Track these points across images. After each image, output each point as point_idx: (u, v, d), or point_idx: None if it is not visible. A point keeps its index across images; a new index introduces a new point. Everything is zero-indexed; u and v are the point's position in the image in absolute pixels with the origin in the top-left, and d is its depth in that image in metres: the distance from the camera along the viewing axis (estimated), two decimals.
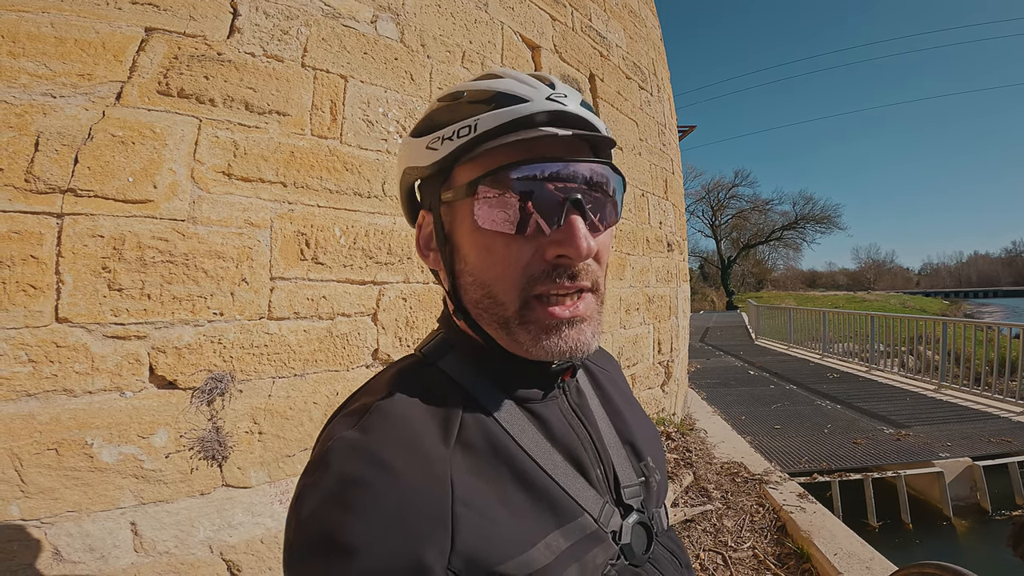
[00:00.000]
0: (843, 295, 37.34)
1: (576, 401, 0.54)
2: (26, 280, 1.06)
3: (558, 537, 0.42)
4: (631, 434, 0.57)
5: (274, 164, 1.49)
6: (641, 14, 4.11)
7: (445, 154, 0.46)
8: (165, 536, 1.25)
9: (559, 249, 0.43)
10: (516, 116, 0.43)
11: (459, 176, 0.47)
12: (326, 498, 0.38)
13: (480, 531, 0.39)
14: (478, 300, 0.47)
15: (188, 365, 1.32)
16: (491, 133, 0.44)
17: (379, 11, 1.81)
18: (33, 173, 1.07)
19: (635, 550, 0.48)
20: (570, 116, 0.45)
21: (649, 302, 3.71)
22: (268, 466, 1.47)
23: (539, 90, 0.45)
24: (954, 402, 5.58)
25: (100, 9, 1.19)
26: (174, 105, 1.28)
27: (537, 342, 0.45)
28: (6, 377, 1.03)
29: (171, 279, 1.29)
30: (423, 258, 0.53)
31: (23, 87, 1.09)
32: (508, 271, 0.44)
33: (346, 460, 0.39)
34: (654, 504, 0.54)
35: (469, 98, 0.46)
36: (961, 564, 1.41)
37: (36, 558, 1.06)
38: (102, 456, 1.15)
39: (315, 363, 1.58)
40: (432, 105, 0.50)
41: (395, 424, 0.42)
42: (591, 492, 0.47)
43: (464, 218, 0.46)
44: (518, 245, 0.44)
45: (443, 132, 0.46)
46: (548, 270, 0.44)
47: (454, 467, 0.41)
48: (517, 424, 0.47)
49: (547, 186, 0.43)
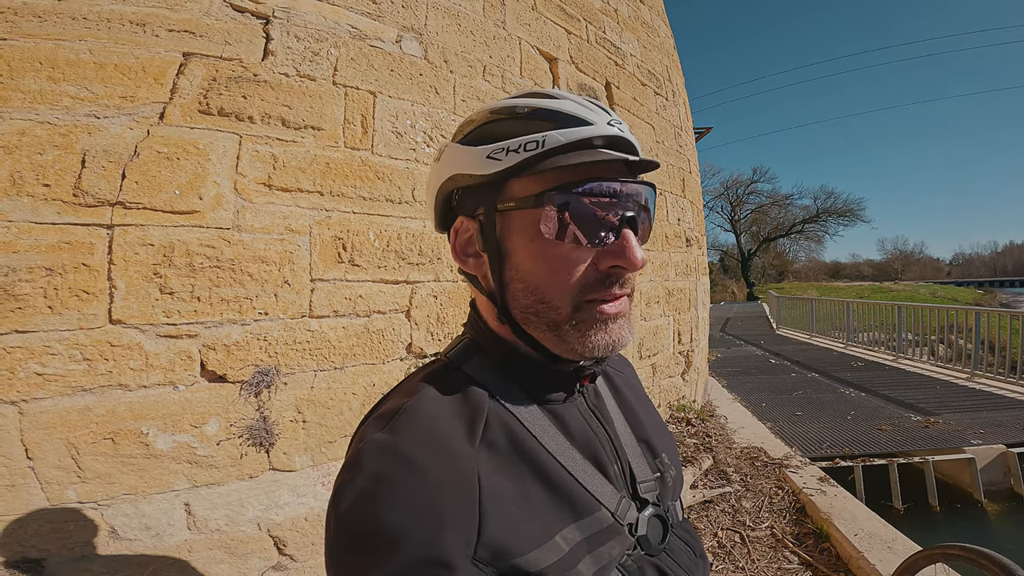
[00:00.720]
0: (868, 285, 34.47)
1: (594, 402, 0.53)
2: (79, 286, 1.07)
3: (574, 530, 0.42)
4: (646, 433, 0.56)
5: (311, 175, 1.47)
6: (654, 25, 3.91)
7: (509, 165, 0.43)
8: (217, 515, 1.25)
9: (615, 261, 0.44)
10: (583, 137, 0.43)
11: (517, 188, 0.45)
12: (360, 496, 0.37)
13: (504, 525, 0.38)
14: (528, 305, 0.46)
15: (236, 361, 1.31)
16: (557, 150, 0.43)
17: (403, 31, 1.76)
18: (81, 188, 1.08)
19: (651, 541, 0.47)
20: (624, 142, 0.45)
21: (669, 295, 3.53)
22: (311, 451, 1.45)
23: (600, 115, 0.45)
24: (988, 390, 4.96)
25: (137, 36, 1.19)
26: (215, 123, 1.28)
27: (585, 340, 0.44)
28: (61, 374, 1.04)
29: (219, 282, 1.28)
30: (460, 263, 0.50)
31: (66, 109, 1.09)
32: (565, 279, 0.44)
33: (377, 460, 0.39)
34: (669, 498, 0.53)
35: (531, 114, 0.45)
36: (993, 546, 1.23)
37: (93, 536, 1.08)
38: (157, 444, 1.15)
39: (353, 357, 1.55)
40: (483, 116, 0.47)
41: (423, 425, 0.41)
42: (609, 487, 0.46)
43: (521, 228, 0.45)
44: (577, 255, 0.44)
45: (507, 144, 0.44)
46: (601, 278, 0.44)
47: (480, 465, 0.40)
48: (539, 424, 0.46)
49: (607, 203, 0.43)
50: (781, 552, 2.18)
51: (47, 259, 1.06)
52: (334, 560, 0.38)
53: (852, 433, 3.76)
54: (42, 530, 1.05)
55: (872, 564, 1.92)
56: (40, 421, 1.05)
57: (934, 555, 1.35)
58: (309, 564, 1.41)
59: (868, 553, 1.99)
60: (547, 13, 2.51)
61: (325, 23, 1.53)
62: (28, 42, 1.09)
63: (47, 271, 1.05)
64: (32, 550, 1.04)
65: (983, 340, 5.80)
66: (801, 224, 36.80)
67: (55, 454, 1.06)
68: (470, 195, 0.48)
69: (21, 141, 1.05)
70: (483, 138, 0.46)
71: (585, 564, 0.41)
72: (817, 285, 34.05)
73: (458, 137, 0.49)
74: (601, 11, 3.06)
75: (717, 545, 2.23)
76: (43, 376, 1.04)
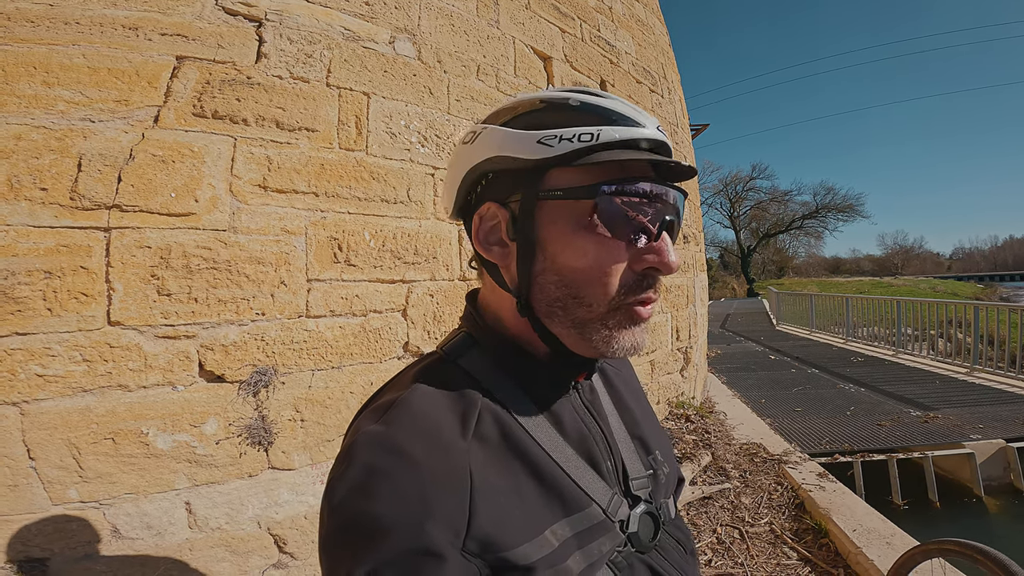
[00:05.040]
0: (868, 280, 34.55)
1: (588, 398, 0.53)
2: (77, 289, 1.09)
3: (564, 526, 0.42)
4: (640, 430, 0.56)
5: (306, 176, 1.48)
6: (648, 22, 3.92)
7: (563, 152, 0.43)
8: (217, 514, 1.27)
9: (652, 261, 0.44)
10: (634, 136, 0.43)
11: (559, 178, 0.44)
12: (352, 488, 0.38)
13: (494, 518, 0.38)
14: (557, 299, 0.44)
15: (234, 361, 1.32)
16: (609, 146, 0.43)
17: (396, 32, 1.77)
18: (78, 191, 1.09)
19: (642, 538, 0.47)
20: (666, 147, 0.46)
21: (666, 292, 3.55)
22: (310, 450, 1.47)
23: (648, 119, 0.45)
24: (988, 385, 4.95)
25: (130, 41, 1.21)
26: (209, 126, 1.29)
27: (611, 341, 0.44)
28: (61, 375, 1.06)
29: (216, 284, 1.29)
30: (483, 251, 0.48)
31: (61, 113, 1.11)
32: (603, 277, 0.43)
33: (370, 452, 0.39)
34: (662, 495, 0.53)
35: (582, 108, 0.44)
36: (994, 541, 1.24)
37: (95, 536, 1.10)
38: (157, 444, 1.17)
39: (351, 356, 1.57)
40: (532, 104, 0.46)
41: (416, 418, 0.41)
42: (601, 484, 0.46)
43: (563, 218, 0.44)
44: (618, 253, 0.43)
45: (561, 132, 0.43)
46: (638, 280, 0.44)
47: (472, 458, 0.40)
48: (532, 419, 0.46)
49: (652, 205, 0.43)
50: (780, 548, 2.20)
51: (45, 262, 1.07)
52: (327, 551, 0.38)
53: (851, 429, 3.77)
54: (45, 530, 1.06)
55: (870, 560, 1.93)
56: (41, 422, 1.07)
57: (931, 551, 1.35)
58: (309, 562, 1.43)
59: (866, 549, 2.00)
60: (541, 12, 2.53)
61: (318, 25, 1.55)
62: (22, 47, 1.10)
63: (46, 274, 1.07)
64: (36, 549, 1.05)
65: (982, 334, 5.80)
66: (800, 220, 36.88)
67: (56, 454, 1.07)
68: (506, 180, 0.46)
69: (18, 145, 1.07)
70: (533, 124, 0.44)
71: (575, 560, 0.41)
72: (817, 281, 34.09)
73: (497, 120, 0.47)
74: (595, 9, 3.07)
75: (716, 541, 2.24)
76: (43, 377, 1.06)
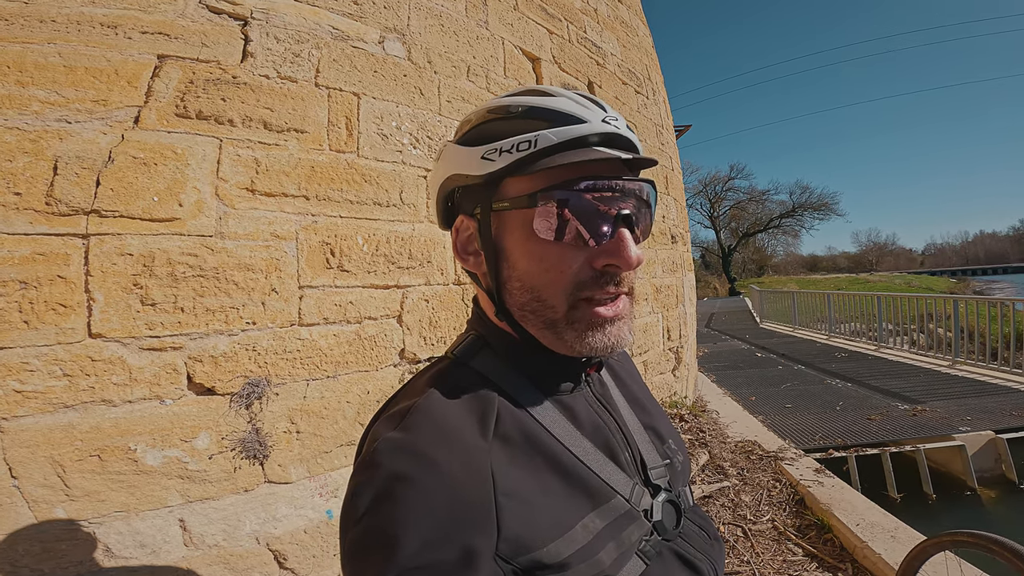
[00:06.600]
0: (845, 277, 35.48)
1: (600, 391, 0.53)
2: (55, 299, 1.02)
3: (594, 518, 0.42)
4: (652, 420, 0.57)
5: (296, 179, 1.44)
6: (632, 24, 3.98)
7: (503, 166, 0.43)
8: (213, 531, 1.21)
9: (610, 259, 0.43)
10: (576, 135, 0.43)
11: (512, 187, 0.45)
12: (376, 495, 0.37)
13: (522, 518, 0.38)
14: (525, 303, 0.46)
15: (225, 372, 1.27)
16: (550, 149, 0.43)
17: (386, 32, 1.75)
18: (54, 196, 1.03)
19: (666, 526, 0.47)
20: (620, 139, 0.45)
21: (657, 292, 3.57)
22: (307, 462, 1.41)
23: (595, 112, 0.44)
24: (970, 377, 5.07)
25: (108, 39, 1.15)
26: (194, 126, 1.24)
27: (582, 339, 0.44)
28: (41, 391, 0.99)
29: (203, 292, 1.24)
30: (462, 261, 0.51)
31: (35, 114, 1.05)
32: (560, 278, 0.44)
33: (392, 458, 0.38)
34: (680, 483, 0.53)
35: (525, 113, 0.44)
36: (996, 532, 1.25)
37: (86, 555, 1.03)
38: (147, 460, 1.11)
39: (346, 365, 1.52)
40: (480, 116, 0.47)
41: (435, 421, 0.41)
42: (621, 475, 0.47)
43: (516, 227, 0.45)
44: (571, 254, 0.43)
45: (500, 144, 0.43)
46: (596, 276, 0.44)
47: (494, 459, 0.40)
48: (549, 415, 0.46)
49: (602, 201, 0.43)
50: (784, 544, 2.20)
51: (21, 272, 1.01)
52: (352, 559, 0.37)
53: (843, 424, 3.83)
54: (33, 550, 1.00)
55: (878, 553, 1.93)
56: (22, 439, 1.01)
57: (943, 543, 1.34)
58: None
59: (872, 543, 2.00)
60: (529, 13, 2.53)
61: (305, 24, 1.51)
62: None
63: (21, 284, 1.01)
64: (25, 570, 0.99)
65: (962, 328, 5.93)
66: (778, 219, 37.82)
67: (40, 472, 1.01)
68: (468, 194, 0.48)
69: None
70: (479, 138, 0.46)
71: (607, 551, 0.41)
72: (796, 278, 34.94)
73: (457, 136, 0.49)
74: (581, 11, 3.10)
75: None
76: (22, 393, 1.00)
